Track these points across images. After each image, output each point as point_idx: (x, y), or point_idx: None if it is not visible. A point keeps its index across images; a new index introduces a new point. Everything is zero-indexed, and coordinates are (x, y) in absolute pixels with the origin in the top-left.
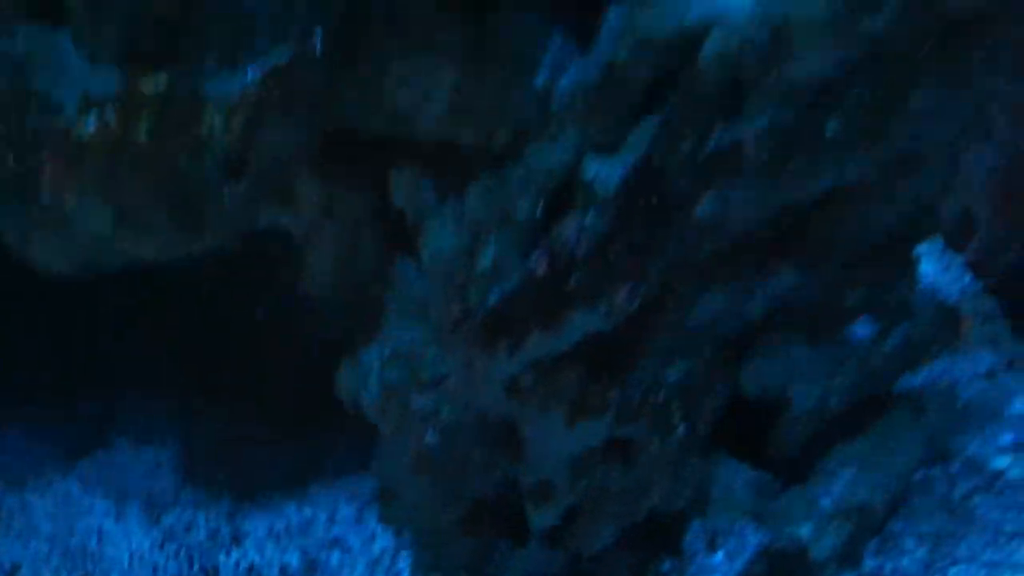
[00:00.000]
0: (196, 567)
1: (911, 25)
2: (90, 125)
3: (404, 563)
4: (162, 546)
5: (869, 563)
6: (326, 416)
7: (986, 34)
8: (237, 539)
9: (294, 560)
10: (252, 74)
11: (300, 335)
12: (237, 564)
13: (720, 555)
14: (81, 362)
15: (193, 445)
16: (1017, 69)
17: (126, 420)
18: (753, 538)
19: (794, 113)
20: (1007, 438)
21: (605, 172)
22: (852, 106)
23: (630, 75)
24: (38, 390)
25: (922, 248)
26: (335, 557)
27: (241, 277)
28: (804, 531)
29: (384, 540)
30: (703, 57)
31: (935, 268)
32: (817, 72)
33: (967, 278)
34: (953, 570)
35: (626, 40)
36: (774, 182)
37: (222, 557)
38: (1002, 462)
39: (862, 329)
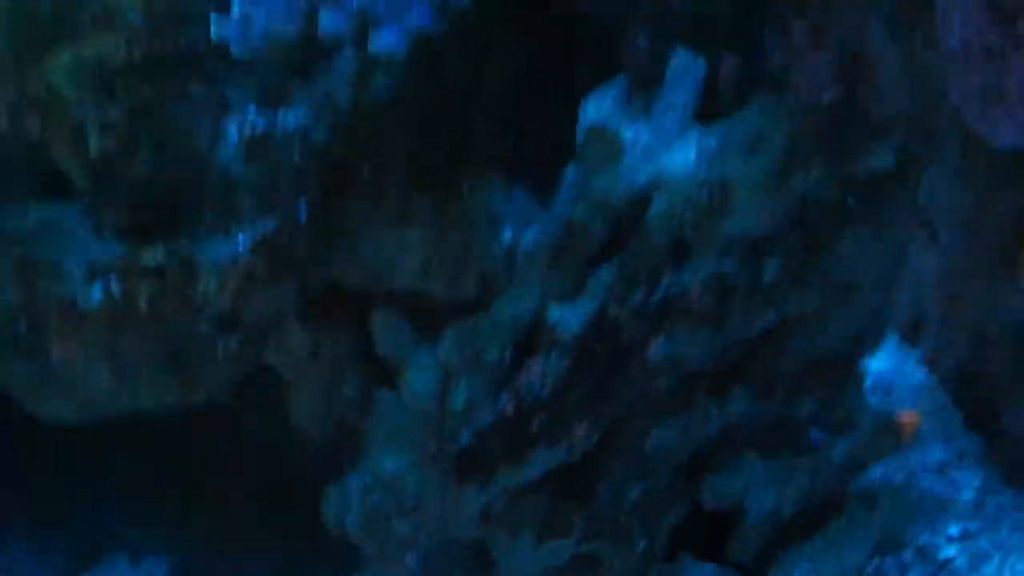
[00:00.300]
0: None
1: (836, 181)
2: (95, 294)
3: None
4: None
5: None
6: (312, 540)
7: (906, 180)
8: None
9: None
10: (242, 241)
11: (288, 466)
12: None
13: None
14: (77, 495)
15: (184, 572)
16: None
17: (120, 547)
18: None
19: (734, 262)
20: (955, 529)
21: (566, 318)
22: (787, 253)
23: (587, 231)
24: (38, 516)
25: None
26: None
27: (232, 410)
28: None
29: None
30: (651, 216)
31: (890, 365)
32: (753, 226)
33: (920, 374)
34: None
35: (582, 200)
36: (719, 324)
37: None
38: (950, 551)
39: (813, 439)
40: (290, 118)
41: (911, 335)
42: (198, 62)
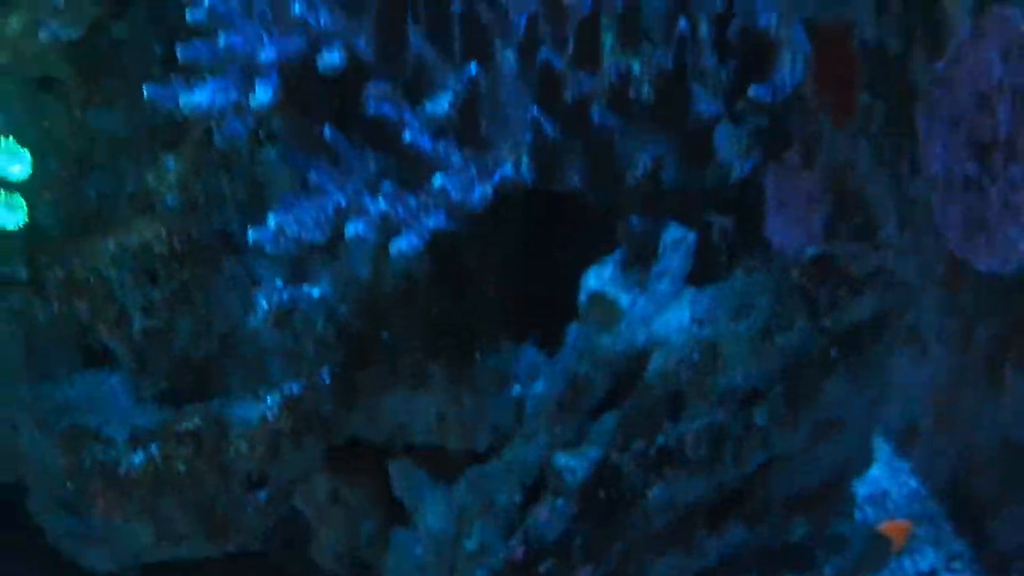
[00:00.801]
0: None
1: (818, 336)
2: (137, 459)
3: None
4: None
5: None
6: None
7: (883, 329)
8: None
9: None
10: (270, 403)
11: None
12: None
13: None
14: None
15: None
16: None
17: None
18: None
19: (727, 412)
20: None
21: (572, 465)
22: (775, 400)
23: (590, 385)
24: None
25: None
26: None
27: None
28: None
29: None
30: (649, 372)
31: (884, 473)
32: (743, 381)
33: (913, 482)
34: None
35: (585, 357)
36: (714, 468)
37: None
38: None
39: (807, 559)
40: (315, 291)
41: (904, 445)
42: (231, 240)
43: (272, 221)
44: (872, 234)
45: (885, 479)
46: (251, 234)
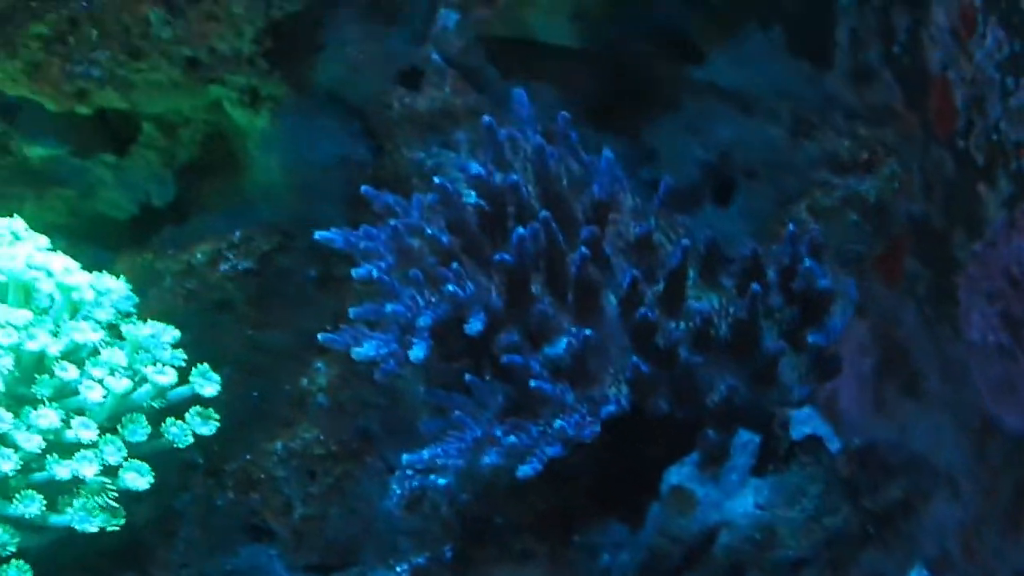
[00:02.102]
0: None
1: (858, 515)
2: None
3: None
4: None
5: None
6: None
7: (913, 508)
8: None
9: None
10: (400, 572)
11: None
12: None
13: None
14: None
15: None
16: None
17: None
18: None
19: None
20: None
21: None
22: (820, 568)
23: (667, 556)
24: None
25: None
26: None
27: None
28: None
29: None
30: (716, 547)
31: None
32: (795, 554)
33: None
34: None
35: (663, 534)
36: None
37: None
38: None
39: None
40: (441, 481)
41: (938, 571)
42: (371, 437)
43: (426, 454)
44: (916, 384)
45: None
46: (405, 458)
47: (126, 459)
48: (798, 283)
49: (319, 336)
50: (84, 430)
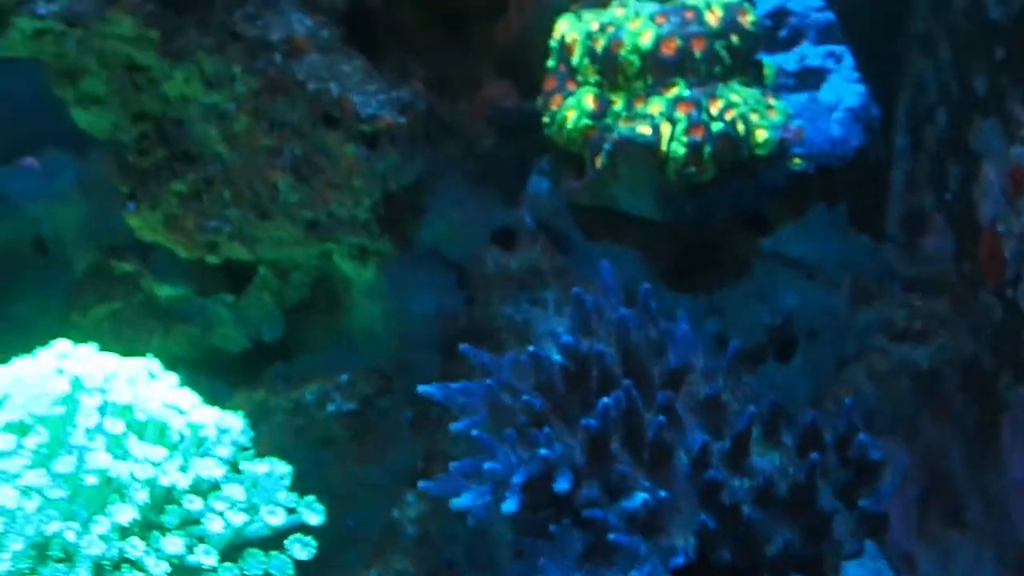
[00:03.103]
0: None
1: None
2: None
3: None
4: None
5: None
6: None
7: None
8: None
9: None
10: None
11: None
12: None
13: None
14: None
15: None
16: None
17: None
18: None
19: None
20: None
21: None
22: None
23: None
24: None
25: None
26: None
27: None
28: None
29: None
30: None
31: None
32: None
33: None
34: None
35: None
36: None
37: None
38: None
39: None
40: None
41: None
42: (457, 571)
43: None
44: (960, 514)
45: None
46: None
47: None
48: (852, 452)
49: (419, 483)
50: (206, 556)
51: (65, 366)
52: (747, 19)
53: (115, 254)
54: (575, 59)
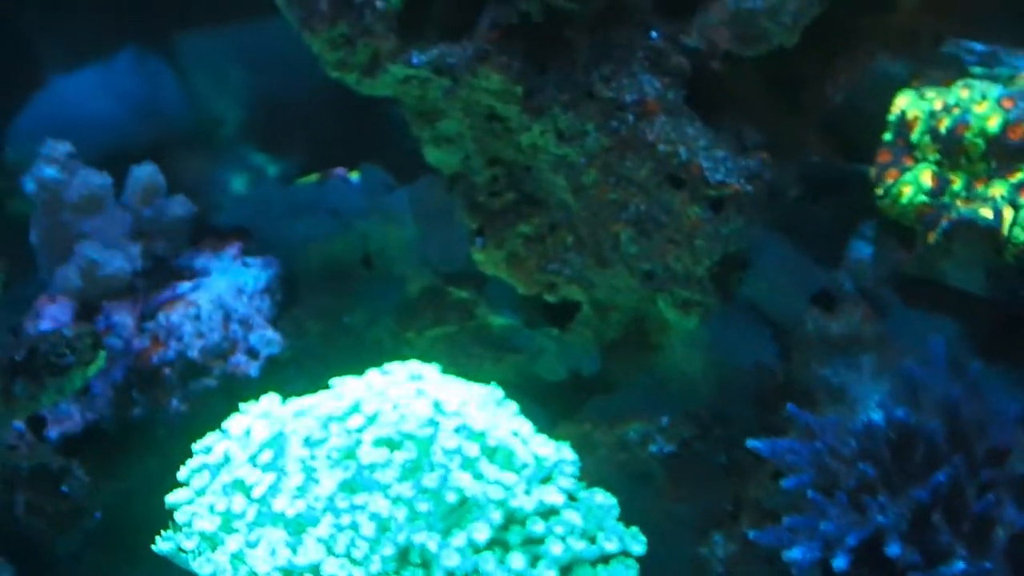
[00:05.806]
0: None
1: None
2: None
3: None
4: None
5: None
6: None
7: None
8: None
9: None
10: None
11: None
12: None
13: None
14: None
15: None
16: None
17: None
18: None
19: None
20: None
21: None
22: None
23: None
24: None
25: None
26: None
27: None
28: None
29: None
30: None
31: None
32: None
33: None
34: None
35: None
36: None
37: None
38: None
39: None
40: None
41: None
42: None
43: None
44: None
45: None
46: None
47: None
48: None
49: (750, 533)
50: (547, 571)
51: (425, 388)
52: None
53: (452, 281)
54: (915, 136)
